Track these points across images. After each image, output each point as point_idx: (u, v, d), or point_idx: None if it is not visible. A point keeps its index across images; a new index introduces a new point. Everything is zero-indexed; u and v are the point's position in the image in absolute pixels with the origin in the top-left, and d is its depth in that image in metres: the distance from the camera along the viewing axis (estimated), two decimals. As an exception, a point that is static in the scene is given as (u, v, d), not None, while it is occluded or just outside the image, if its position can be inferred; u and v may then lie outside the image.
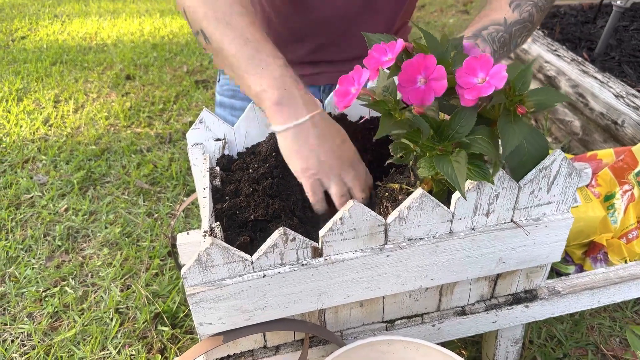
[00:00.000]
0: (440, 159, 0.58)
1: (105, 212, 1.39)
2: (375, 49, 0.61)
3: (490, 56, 0.57)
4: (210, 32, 0.76)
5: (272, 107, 0.72)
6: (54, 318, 1.08)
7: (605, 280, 0.84)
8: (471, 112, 0.59)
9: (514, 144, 0.57)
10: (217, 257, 0.59)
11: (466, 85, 0.56)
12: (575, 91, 1.65)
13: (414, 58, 0.56)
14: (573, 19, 2.24)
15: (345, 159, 0.72)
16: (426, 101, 0.57)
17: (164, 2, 4.06)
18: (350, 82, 0.61)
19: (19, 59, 2.59)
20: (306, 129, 0.71)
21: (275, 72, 0.72)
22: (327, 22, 1.07)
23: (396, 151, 0.67)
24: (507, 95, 0.58)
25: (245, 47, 0.73)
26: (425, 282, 0.70)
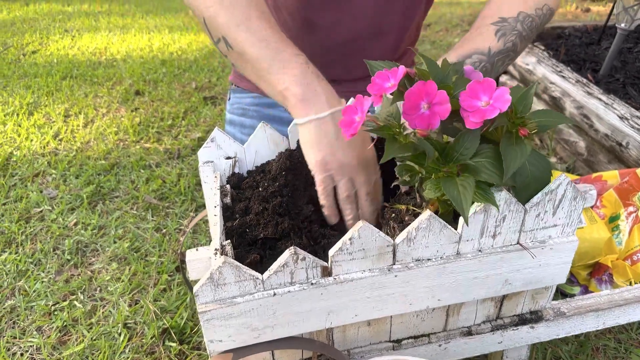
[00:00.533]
0: (447, 181, 0.60)
1: (114, 227, 1.41)
2: (377, 76, 0.63)
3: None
4: (232, 39, 0.78)
5: (296, 103, 0.74)
6: (62, 332, 1.09)
7: (610, 302, 0.85)
8: (475, 135, 0.60)
9: (516, 166, 0.58)
10: (229, 275, 0.60)
11: (470, 108, 0.58)
12: (580, 112, 1.66)
13: (415, 86, 0.58)
14: (578, 41, 2.26)
15: (362, 160, 0.73)
16: (433, 126, 0.58)
17: (173, 18, 4.12)
18: (354, 111, 0.63)
19: (30, 73, 2.63)
20: (327, 124, 0.73)
21: (297, 69, 0.75)
22: (335, 44, 1.09)
23: (402, 173, 0.68)
24: (509, 117, 0.60)
25: (267, 49, 0.76)
26: (432, 302, 0.71)
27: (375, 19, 1.06)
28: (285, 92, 0.75)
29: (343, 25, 1.06)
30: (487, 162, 0.60)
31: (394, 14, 1.07)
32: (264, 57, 0.76)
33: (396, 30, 1.11)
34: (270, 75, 0.76)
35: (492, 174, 0.60)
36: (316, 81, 0.74)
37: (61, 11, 4.33)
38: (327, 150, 0.72)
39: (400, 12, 1.07)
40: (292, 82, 0.74)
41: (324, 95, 0.74)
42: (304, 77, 0.74)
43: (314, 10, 1.04)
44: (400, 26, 1.11)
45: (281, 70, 0.75)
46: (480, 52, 0.88)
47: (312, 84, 0.74)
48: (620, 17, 1.77)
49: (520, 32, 0.91)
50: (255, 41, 0.76)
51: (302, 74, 0.74)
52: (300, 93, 0.73)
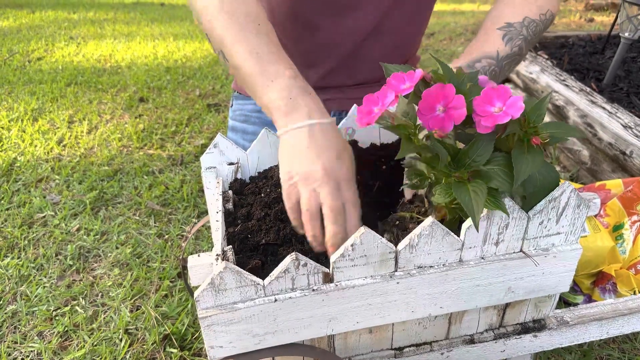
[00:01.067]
0: (459, 186, 0.59)
1: (117, 233, 1.41)
2: (393, 77, 0.63)
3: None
4: (227, 52, 0.80)
5: (279, 116, 0.73)
6: (64, 337, 1.09)
7: (614, 311, 0.84)
8: (488, 141, 0.60)
9: (527, 173, 0.58)
10: (230, 280, 0.60)
11: (483, 113, 0.58)
12: (584, 121, 1.66)
13: (433, 87, 0.58)
14: (581, 50, 2.26)
15: (331, 174, 0.68)
16: (446, 129, 0.58)
17: (178, 26, 4.14)
18: (375, 102, 0.62)
19: (35, 80, 2.64)
20: (301, 135, 0.71)
21: (283, 83, 0.74)
22: (337, 46, 1.09)
23: (411, 177, 0.68)
24: (522, 126, 0.60)
25: (258, 63, 0.76)
26: (434, 310, 0.70)
27: (375, 20, 1.06)
28: (270, 104, 0.74)
29: (346, 31, 1.06)
30: (499, 169, 0.60)
31: (398, 19, 1.07)
32: (255, 72, 0.76)
33: (399, 33, 1.11)
34: (259, 89, 0.76)
35: (503, 182, 0.59)
36: (301, 95, 0.74)
37: (67, 18, 4.36)
38: (294, 160, 0.70)
39: (405, 17, 1.08)
40: (277, 96, 0.74)
41: (305, 108, 0.73)
42: (289, 91, 0.74)
43: (316, 16, 1.05)
44: (404, 32, 1.11)
45: (269, 84, 0.75)
46: (489, 56, 0.89)
47: (296, 98, 0.73)
48: (624, 26, 1.77)
49: (526, 36, 0.92)
50: (247, 56, 0.77)
51: (288, 88, 0.74)
52: (283, 106, 0.73)
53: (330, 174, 0.68)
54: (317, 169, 0.68)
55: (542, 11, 0.93)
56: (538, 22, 0.93)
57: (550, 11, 0.95)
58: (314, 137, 0.70)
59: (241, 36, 0.78)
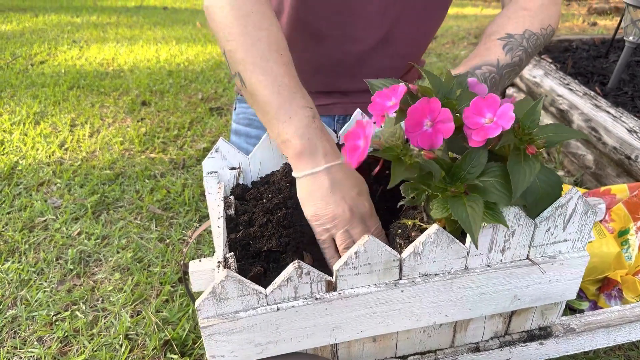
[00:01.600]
0: (454, 202, 0.58)
1: (118, 237, 1.40)
2: (378, 95, 0.61)
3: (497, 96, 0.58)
4: (246, 77, 0.79)
5: (294, 156, 0.75)
6: (63, 343, 1.08)
7: (621, 318, 0.83)
8: (482, 153, 0.59)
9: (525, 185, 0.56)
10: (232, 289, 0.59)
11: (474, 125, 0.57)
12: (588, 125, 1.65)
13: (418, 103, 0.56)
14: (585, 54, 2.25)
15: (357, 212, 0.73)
16: (435, 144, 0.57)
17: (180, 29, 4.14)
18: (357, 136, 0.61)
19: (37, 83, 2.64)
20: (321, 178, 0.73)
21: (302, 122, 0.75)
22: (343, 55, 1.09)
23: (407, 192, 0.67)
24: (517, 133, 0.58)
25: (277, 95, 0.76)
26: (439, 318, 0.69)
27: (383, 30, 1.05)
28: (287, 143, 0.75)
29: (351, 36, 1.05)
30: (496, 181, 0.59)
31: (404, 25, 1.06)
32: (273, 103, 0.76)
33: (406, 41, 1.10)
34: (276, 122, 0.76)
35: (501, 195, 0.58)
36: (317, 137, 0.75)
37: (70, 22, 4.37)
38: (319, 205, 0.72)
39: (411, 23, 1.07)
40: (294, 135, 0.74)
41: (322, 150, 0.74)
42: (306, 131, 0.74)
43: (324, 25, 1.04)
44: (411, 37, 1.10)
45: (287, 120, 0.75)
46: (490, 64, 0.89)
47: (312, 139, 0.74)
48: (628, 30, 1.76)
49: (526, 48, 0.92)
50: (267, 85, 0.77)
51: (305, 128, 0.74)
52: (299, 147, 0.74)
53: (356, 213, 0.73)
54: (344, 210, 0.72)
55: (543, 25, 0.94)
56: (539, 36, 0.93)
57: (550, 26, 0.95)
58: (334, 179, 0.73)
59: (264, 63, 0.78)
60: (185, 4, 5.88)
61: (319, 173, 0.73)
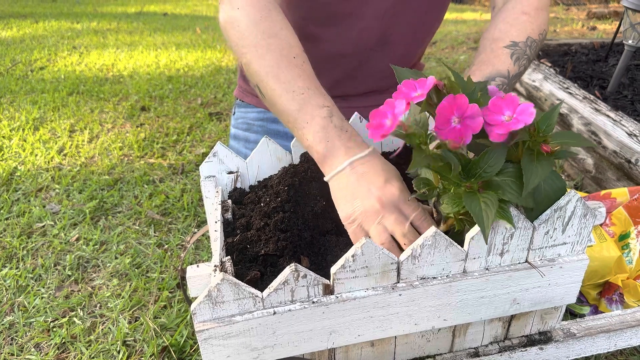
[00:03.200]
0: (469, 196, 0.58)
1: (116, 243, 1.40)
2: (404, 84, 0.61)
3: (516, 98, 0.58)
4: (262, 88, 0.79)
5: (319, 160, 0.75)
6: (61, 349, 1.07)
7: (622, 323, 0.83)
8: (501, 152, 0.59)
9: (536, 182, 0.57)
10: (228, 293, 0.58)
11: (494, 122, 0.57)
12: (588, 129, 1.65)
13: (445, 100, 0.56)
14: (584, 58, 2.25)
15: (386, 201, 0.68)
16: (465, 140, 0.56)
17: (180, 35, 4.15)
18: (384, 114, 0.61)
19: (37, 89, 2.64)
20: (346, 175, 0.71)
21: (319, 124, 0.74)
22: (341, 56, 1.08)
23: (419, 186, 0.66)
24: (532, 136, 0.59)
25: (292, 101, 0.76)
26: (438, 322, 0.69)
27: (380, 33, 1.05)
28: (310, 149, 0.75)
29: (348, 40, 1.05)
30: (511, 181, 0.59)
31: (402, 27, 1.06)
32: (291, 111, 0.76)
33: (403, 43, 1.10)
34: (296, 130, 0.76)
35: (514, 194, 0.58)
36: (336, 136, 0.73)
37: (70, 28, 4.38)
38: (349, 202, 0.70)
39: (409, 25, 1.07)
40: (314, 139, 0.74)
41: (342, 148, 0.73)
42: (325, 134, 0.73)
43: (317, 27, 1.04)
44: (409, 39, 1.10)
45: (305, 126, 0.75)
46: (502, 75, 0.88)
47: (332, 139, 0.73)
48: (627, 34, 1.76)
49: (529, 56, 0.92)
50: (282, 92, 0.77)
51: (324, 131, 0.73)
52: (321, 151, 0.73)
53: (387, 202, 0.68)
54: (373, 202, 0.69)
55: (540, 31, 0.94)
56: (538, 42, 0.93)
57: (545, 31, 0.96)
58: (358, 172, 0.71)
59: (276, 70, 0.77)
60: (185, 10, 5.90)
61: (342, 171, 0.72)
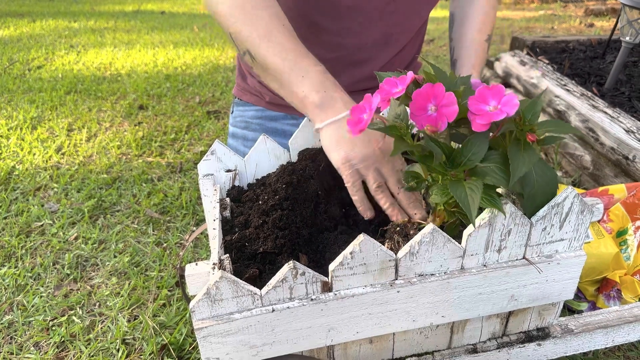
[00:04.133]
0: (454, 184, 0.59)
1: (115, 241, 1.40)
2: (386, 82, 0.63)
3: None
4: (255, 51, 0.82)
5: (314, 109, 0.78)
6: (60, 348, 1.07)
7: (620, 319, 0.83)
8: (483, 140, 0.59)
9: (523, 170, 0.57)
10: (226, 290, 0.58)
11: (478, 112, 0.57)
12: (586, 126, 1.65)
13: (423, 87, 0.58)
14: (582, 54, 2.26)
15: (385, 150, 0.74)
16: (440, 127, 0.58)
17: (178, 34, 4.14)
18: (362, 110, 0.63)
19: (35, 88, 2.64)
20: (344, 124, 0.75)
21: (316, 78, 0.78)
22: (343, 53, 1.08)
23: (408, 179, 0.67)
24: (517, 125, 0.59)
25: (287, 60, 0.80)
26: (436, 319, 0.69)
27: (382, 29, 1.06)
28: (305, 100, 0.78)
29: (352, 34, 1.06)
30: (495, 166, 0.59)
31: (400, 23, 1.07)
32: (285, 68, 0.79)
33: (404, 37, 1.11)
34: (290, 85, 0.79)
35: (500, 178, 0.59)
36: (333, 88, 0.78)
37: (67, 27, 4.37)
38: (347, 147, 0.74)
39: (406, 20, 1.07)
40: (310, 90, 0.77)
41: (341, 100, 0.77)
42: (322, 85, 0.77)
43: (320, 17, 1.04)
44: (407, 36, 1.11)
45: (300, 79, 0.78)
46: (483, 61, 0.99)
47: (329, 91, 0.77)
48: (624, 31, 1.76)
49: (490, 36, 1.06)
50: (276, 53, 0.80)
51: (320, 83, 0.78)
52: (318, 100, 0.77)
53: (386, 152, 0.75)
54: (373, 149, 0.74)
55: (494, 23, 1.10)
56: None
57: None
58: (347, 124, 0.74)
59: (269, 35, 0.81)
60: (182, 8, 5.89)
61: (342, 119, 0.75)
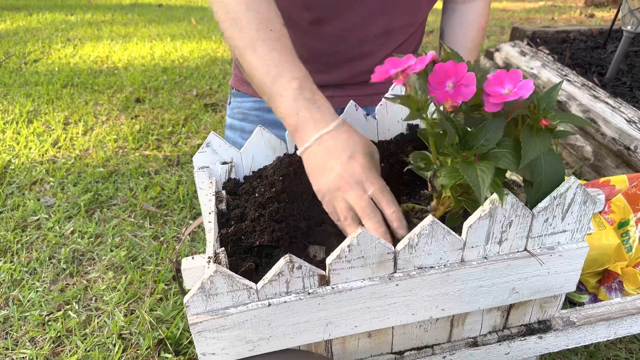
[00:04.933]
0: (466, 165, 0.57)
1: (111, 235, 1.38)
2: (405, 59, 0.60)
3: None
4: (242, 62, 0.80)
5: (292, 133, 0.76)
6: (56, 343, 1.06)
7: (622, 311, 0.82)
8: (499, 125, 0.58)
9: (534, 154, 0.56)
10: (221, 285, 0.57)
11: (493, 93, 0.56)
12: (587, 116, 1.63)
13: (447, 63, 0.57)
14: (583, 45, 2.24)
15: (348, 176, 0.69)
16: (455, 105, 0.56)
17: (175, 26, 4.11)
18: (396, 64, 0.60)
19: (31, 82, 2.62)
20: (314, 151, 0.72)
21: (290, 97, 0.75)
22: (344, 47, 1.07)
23: (416, 160, 0.66)
24: (532, 112, 0.58)
25: (267, 75, 0.76)
26: (435, 312, 0.68)
27: (384, 21, 1.04)
28: (284, 122, 0.76)
29: (354, 28, 1.04)
30: (507, 152, 0.58)
31: (400, 12, 1.05)
32: (266, 84, 0.77)
33: (404, 31, 1.09)
34: (272, 103, 0.77)
35: (511, 163, 0.58)
36: (306, 108, 0.74)
37: (64, 20, 4.34)
38: (318, 178, 0.72)
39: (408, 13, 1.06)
40: (286, 113, 0.75)
41: (311, 121, 0.73)
42: (295, 105, 0.74)
43: (324, 12, 1.02)
44: (407, 29, 1.09)
45: (279, 99, 0.75)
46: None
47: (301, 112, 0.74)
48: (626, 20, 1.74)
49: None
50: (258, 66, 0.77)
51: (294, 103, 0.74)
52: (292, 125, 0.74)
53: (348, 178, 0.69)
54: (334, 179, 0.69)
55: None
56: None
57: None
58: (326, 148, 0.72)
59: (253, 45, 0.78)
60: (180, 1, 5.86)
61: (311, 146, 0.73)
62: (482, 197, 0.55)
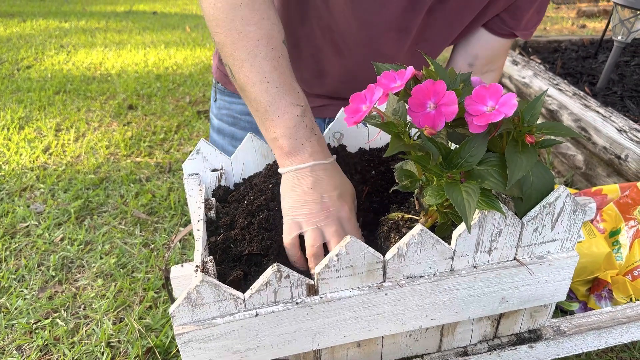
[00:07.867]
0: (451, 186, 0.56)
1: (101, 242, 1.37)
2: (384, 76, 0.60)
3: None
4: (235, 71, 0.78)
5: (281, 154, 0.74)
6: (43, 351, 1.05)
7: (612, 320, 0.81)
8: (482, 142, 0.57)
9: (521, 173, 0.55)
10: (208, 294, 0.56)
11: (475, 112, 0.55)
12: (578, 125, 1.64)
13: (424, 83, 0.56)
14: (574, 54, 2.25)
15: (333, 212, 0.70)
16: (437, 126, 0.55)
17: (170, 34, 4.11)
18: (362, 100, 0.60)
19: (23, 88, 2.61)
20: (304, 175, 0.72)
21: (290, 121, 0.73)
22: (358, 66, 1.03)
23: (401, 178, 0.65)
24: (516, 126, 0.57)
25: (266, 93, 0.74)
26: (425, 321, 0.67)
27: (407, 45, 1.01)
28: (274, 142, 0.74)
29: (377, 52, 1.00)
30: (493, 170, 0.57)
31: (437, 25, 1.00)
32: (262, 101, 0.75)
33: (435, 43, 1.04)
34: (265, 120, 0.75)
35: (497, 183, 0.57)
36: (306, 137, 0.74)
37: (58, 27, 4.33)
38: (298, 199, 0.71)
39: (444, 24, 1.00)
40: (282, 134, 0.73)
41: (309, 149, 0.73)
42: (295, 131, 0.73)
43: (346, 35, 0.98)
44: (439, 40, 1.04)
45: (275, 119, 0.74)
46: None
47: (300, 139, 0.73)
48: (616, 30, 1.75)
49: None
50: (256, 81, 0.75)
51: (294, 129, 0.73)
52: (287, 147, 0.73)
53: (334, 214, 0.70)
54: (320, 208, 0.70)
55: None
56: None
57: None
58: (317, 177, 0.72)
59: (252, 59, 0.75)
60: (175, 8, 5.86)
61: (303, 170, 0.72)
62: (469, 222, 0.55)
